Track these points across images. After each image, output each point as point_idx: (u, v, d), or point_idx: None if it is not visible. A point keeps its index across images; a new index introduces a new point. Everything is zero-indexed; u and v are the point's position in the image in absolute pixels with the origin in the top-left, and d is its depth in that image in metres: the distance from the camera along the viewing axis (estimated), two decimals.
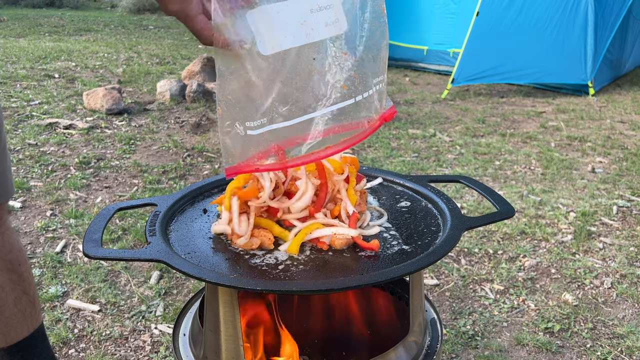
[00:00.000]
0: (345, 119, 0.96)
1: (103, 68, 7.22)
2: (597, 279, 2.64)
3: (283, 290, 0.96)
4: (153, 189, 3.48)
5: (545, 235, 3.00)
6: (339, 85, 0.92)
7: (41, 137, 4.37)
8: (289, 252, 1.09)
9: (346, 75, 0.92)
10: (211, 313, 1.09)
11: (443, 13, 7.66)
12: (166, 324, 2.25)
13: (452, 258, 2.79)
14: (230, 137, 0.93)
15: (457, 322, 2.31)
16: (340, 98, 0.93)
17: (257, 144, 0.94)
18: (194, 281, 2.50)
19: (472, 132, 4.99)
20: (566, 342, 2.20)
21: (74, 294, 2.41)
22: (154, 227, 1.16)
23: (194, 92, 5.49)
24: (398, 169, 3.94)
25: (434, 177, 1.45)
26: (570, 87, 6.61)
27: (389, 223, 1.23)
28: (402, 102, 6.13)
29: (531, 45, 6.37)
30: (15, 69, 6.79)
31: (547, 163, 4.18)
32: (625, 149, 4.57)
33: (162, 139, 4.47)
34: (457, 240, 1.10)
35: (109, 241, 2.82)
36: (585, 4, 6.17)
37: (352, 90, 0.94)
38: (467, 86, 6.80)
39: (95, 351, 2.09)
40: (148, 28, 12.39)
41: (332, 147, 0.97)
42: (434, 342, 1.27)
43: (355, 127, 0.97)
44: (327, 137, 0.95)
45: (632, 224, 3.20)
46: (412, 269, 1.00)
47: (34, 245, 2.80)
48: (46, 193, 3.37)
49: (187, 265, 1.01)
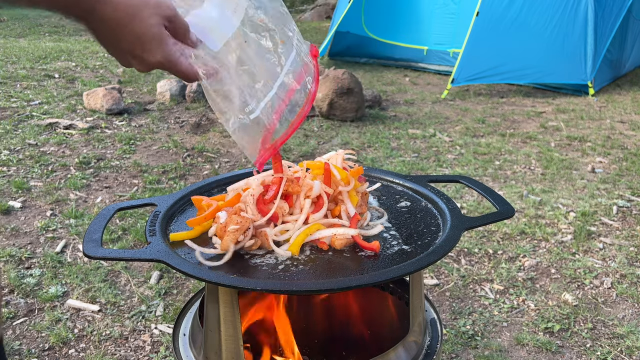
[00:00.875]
0: (296, 71, 1.05)
1: (103, 68, 7.22)
2: (597, 279, 2.64)
3: (283, 290, 0.96)
4: (153, 189, 3.48)
5: (545, 235, 3.00)
6: (278, 42, 1.03)
7: (41, 137, 4.37)
8: (290, 252, 1.09)
9: (273, 34, 1.02)
10: (211, 313, 1.09)
11: (443, 13, 7.66)
12: (166, 324, 2.25)
13: (452, 258, 2.79)
14: (240, 131, 1.01)
15: (457, 322, 2.31)
16: (286, 53, 1.03)
17: (262, 124, 1.02)
18: (194, 281, 2.50)
19: (472, 132, 4.99)
20: (566, 342, 2.20)
21: (74, 294, 2.42)
22: (154, 227, 1.17)
23: (194, 92, 5.50)
24: (398, 169, 3.94)
25: (434, 177, 1.45)
26: (570, 87, 6.61)
27: (389, 223, 1.23)
28: (402, 102, 6.14)
29: (531, 45, 6.37)
30: (15, 69, 6.79)
31: (547, 163, 4.18)
32: (625, 149, 4.58)
33: (162, 139, 4.47)
34: (457, 240, 1.10)
35: (109, 241, 2.82)
36: (585, 4, 6.17)
37: (287, 43, 1.04)
38: (467, 86, 6.80)
39: (95, 351, 2.09)
40: None
41: (304, 106, 1.07)
42: (433, 342, 1.27)
43: (307, 71, 1.08)
44: (293, 97, 1.05)
45: (632, 224, 3.20)
46: (412, 269, 1.00)
47: (34, 245, 2.80)
48: (46, 193, 3.37)
49: (187, 265, 1.01)
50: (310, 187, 1.15)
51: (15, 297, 2.37)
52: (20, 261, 2.64)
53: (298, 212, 1.15)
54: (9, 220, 3.04)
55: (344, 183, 1.17)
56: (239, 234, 1.07)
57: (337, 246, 1.11)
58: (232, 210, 1.12)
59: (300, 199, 1.16)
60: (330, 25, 8.81)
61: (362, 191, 1.23)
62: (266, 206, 1.13)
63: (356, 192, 1.20)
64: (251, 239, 1.09)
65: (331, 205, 1.18)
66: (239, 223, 1.06)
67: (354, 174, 1.21)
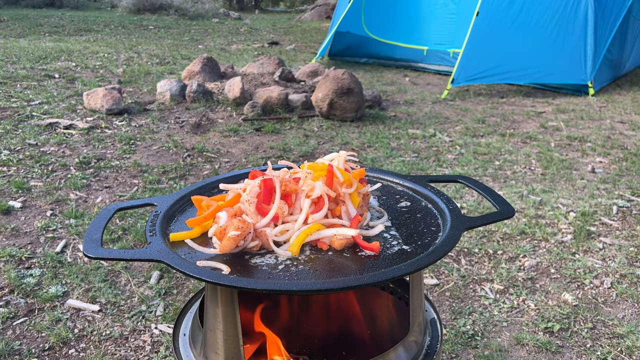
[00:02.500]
0: None
1: (103, 68, 7.22)
2: (597, 279, 2.64)
3: (283, 290, 0.96)
4: (153, 189, 3.48)
5: (545, 235, 3.00)
6: None
7: (41, 137, 4.37)
8: (290, 252, 1.09)
9: None
10: (211, 313, 1.09)
11: (443, 13, 7.66)
12: (166, 324, 2.25)
13: (452, 258, 2.79)
14: None
15: (457, 322, 2.31)
16: None
17: None
18: (194, 281, 2.50)
19: (472, 132, 4.99)
20: (566, 342, 2.20)
21: (74, 294, 2.42)
22: (154, 227, 1.17)
23: (194, 92, 5.49)
24: (398, 169, 3.94)
25: (434, 177, 1.45)
26: (570, 87, 6.61)
27: (389, 223, 1.23)
28: (402, 102, 6.14)
29: (531, 45, 6.37)
30: (15, 69, 6.79)
31: (547, 163, 4.18)
32: (625, 149, 4.58)
33: (162, 139, 4.47)
34: (457, 240, 1.10)
35: (109, 241, 2.82)
36: (585, 4, 6.17)
37: None
38: (467, 86, 6.80)
39: (95, 351, 2.09)
40: (148, 28, 12.39)
41: None
42: (433, 342, 1.27)
43: None
44: None
45: (632, 224, 3.20)
46: (412, 269, 1.00)
47: (34, 245, 2.80)
48: (46, 193, 3.37)
49: (187, 265, 1.01)
50: (312, 188, 1.14)
51: (15, 297, 2.37)
52: (20, 261, 2.64)
53: (298, 212, 1.15)
54: (9, 220, 3.04)
55: (346, 185, 1.17)
56: (239, 240, 1.06)
57: (337, 246, 1.11)
58: (232, 212, 1.12)
59: (300, 199, 1.16)
60: (330, 25, 8.82)
61: (364, 192, 1.23)
62: (266, 206, 1.13)
63: (358, 194, 1.20)
64: (253, 241, 1.09)
65: (332, 205, 1.18)
66: (239, 229, 1.06)
67: (356, 176, 1.21)
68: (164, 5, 15.67)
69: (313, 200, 1.15)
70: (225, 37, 11.57)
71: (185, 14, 15.26)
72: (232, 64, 7.01)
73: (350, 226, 1.13)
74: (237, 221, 1.07)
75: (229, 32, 12.47)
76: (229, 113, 5.25)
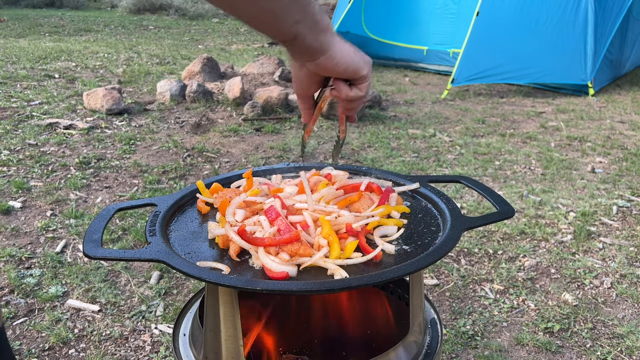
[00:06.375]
0: None
1: (103, 68, 7.22)
2: (597, 279, 2.64)
3: (283, 290, 0.96)
4: (153, 189, 3.48)
5: (545, 235, 3.00)
6: None
7: (41, 137, 4.37)
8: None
9: None
10: (211, 313, 1.09)
11: (443, 13, 7.66)
12: (166, 324, 2.25)
13: (452, 258, 2.79)
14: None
15: (457, 322, 2.31)
16: None
17: None
18: (194, 281, 2.50)
19: (472, 132, 4.99)
20: (566, 342, 2.20)
21: (74, 294, 2.42)
22: (154, 227, 1.16)
23: (194, 92, 5.49)
24: (398, 169, 3.94)
25: (434, 177, 1.45)
26: (570, 87, 6.61)
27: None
28: (402, 102, 6.14)
29: (531, 45, 6.37)
30: (15, 69, 6.79)
31: (547, 163, 4.18)
32: (625, 149, 4.58)
33: (162, 139, 4.47)
34: (457, 240, 1.10)
35: (109, 241, 2.82)
36: (585, 4, 6.17)
37: None
38: (467, 86, 6.80)
39: (95, 351, 2.09)
40: (148, 28, 12.39)
41: None
42: (433, 342, 1.27)
43: None
44: None
45: (632, 224, 3.20)
46: (412, 269, 1.00)
47: (34, 245, 2.80)
48: (46, 193, 3.37)
49: (187, 265, 1.01)
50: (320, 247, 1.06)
51: (15, 297, 2.37)
52: (20, 261, 2.64)
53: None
54: (9, 220, 3.04)
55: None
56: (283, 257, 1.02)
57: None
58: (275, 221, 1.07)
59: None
60: None
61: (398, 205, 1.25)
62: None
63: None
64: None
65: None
66: (294, 253, 1.02)
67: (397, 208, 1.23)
68: (164, 5, 15.66)
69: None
70: (225, 37, 11.56)
71: (185, 14, 15.25)
72: (232, 64, 7.01)
73: (358, 234, 1.09)
74: (292, 246, 1.03)
75: (229, 32, 12.47)
76: (229, 113, 5.25)
